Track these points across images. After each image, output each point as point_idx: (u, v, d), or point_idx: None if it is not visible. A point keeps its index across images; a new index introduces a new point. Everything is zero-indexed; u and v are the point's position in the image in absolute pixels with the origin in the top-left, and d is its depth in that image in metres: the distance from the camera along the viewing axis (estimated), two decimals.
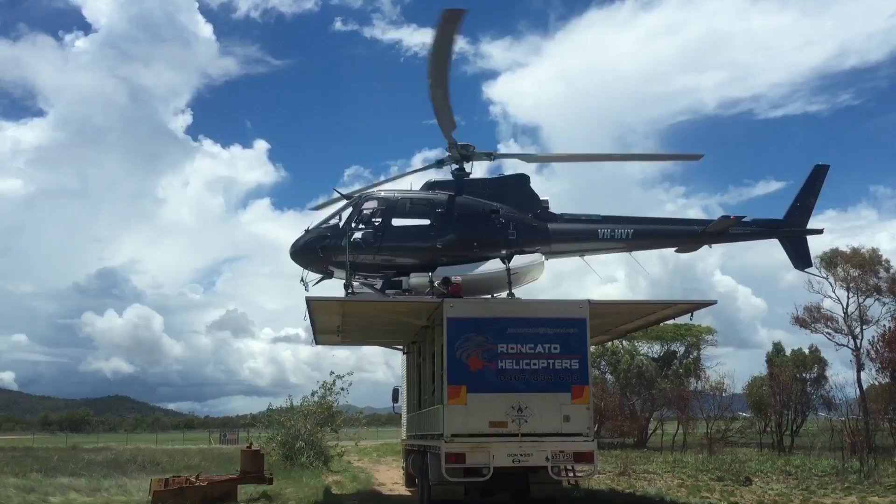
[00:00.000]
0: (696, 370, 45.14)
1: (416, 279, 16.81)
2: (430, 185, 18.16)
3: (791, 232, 18.61)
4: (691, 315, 17.26)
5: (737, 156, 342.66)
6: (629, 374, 44.94)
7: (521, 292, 17.55)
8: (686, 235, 18.68)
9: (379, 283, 17.36)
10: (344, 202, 18.02)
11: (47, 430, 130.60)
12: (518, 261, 17.28)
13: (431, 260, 17.06)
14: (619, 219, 18.34)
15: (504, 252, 17.31)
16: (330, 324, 18.13)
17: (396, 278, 17.09)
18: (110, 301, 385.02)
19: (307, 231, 17.53)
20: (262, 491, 18.68)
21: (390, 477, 25.73)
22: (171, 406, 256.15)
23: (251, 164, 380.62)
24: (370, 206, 17.31)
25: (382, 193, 17.78)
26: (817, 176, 18.71)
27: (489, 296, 17.26)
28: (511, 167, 19.80)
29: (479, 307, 15.24)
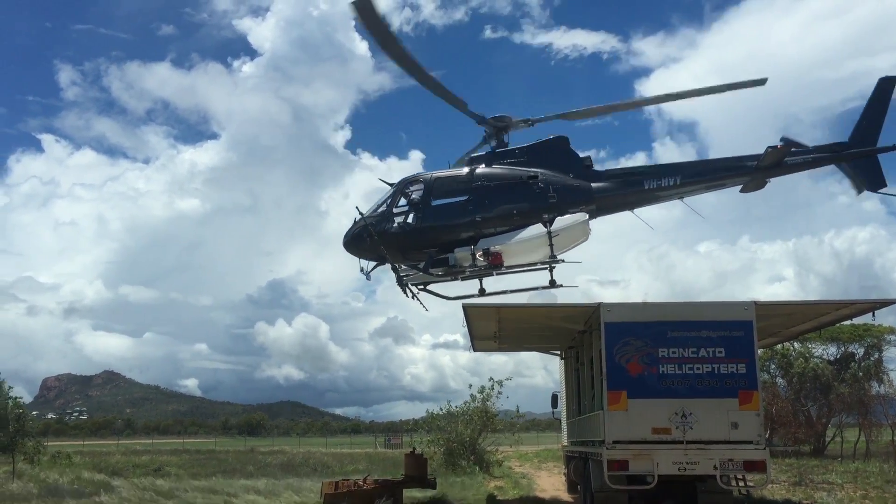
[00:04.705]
0: (877, 373, 41.97)
1: (460, 254, 17.06)
2: (467, 161, 18.31)
3: (859, 153, 17.12)
4: (873, 315, 16.08)
5: None
6: (803, 378, 42.37)
7: (568, 254, 17.19)
8: (738, 172, 17.52)
9: (422, 264, 17.61)
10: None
11: (227, 433, 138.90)
12: (560, 223, 17.05)
13: (475, 234, 17.24)
14: (665, 167, 17.82)
15: (546, 216, 17.11)
16: (487, 330, 18.30)
17: (441, 256, 17.34)
18: (280, 311, 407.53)
19: (355, 221, 18.05)
20: (428, 495, 19.05)
21: (552, 483, 25.58)
22: (339, 411, 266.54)
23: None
24: (410, 188, 17.81)
25: (421, 175, 18.19)
26: (882, 90, 17.24)
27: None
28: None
29: (638, 311, 14.85)
